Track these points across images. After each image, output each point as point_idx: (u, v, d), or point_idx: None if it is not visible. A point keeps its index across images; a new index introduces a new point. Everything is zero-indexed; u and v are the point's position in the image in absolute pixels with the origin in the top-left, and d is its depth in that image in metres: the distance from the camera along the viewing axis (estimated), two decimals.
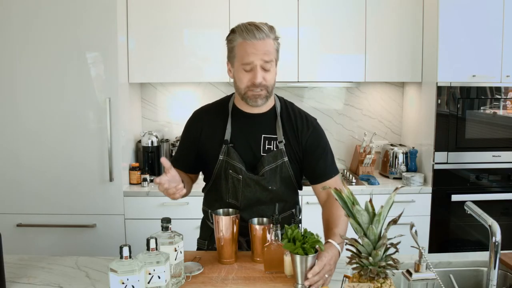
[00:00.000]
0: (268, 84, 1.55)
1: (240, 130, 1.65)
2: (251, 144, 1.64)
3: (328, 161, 1.67)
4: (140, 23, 2.94)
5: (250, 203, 1.65)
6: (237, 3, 2.95)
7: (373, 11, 2.99)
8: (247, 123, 1.65)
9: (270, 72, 1.54)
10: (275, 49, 1.55)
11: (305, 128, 1.66)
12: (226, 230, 1.55)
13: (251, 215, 1.64)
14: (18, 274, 1.51)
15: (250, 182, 1.62)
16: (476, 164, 2.90)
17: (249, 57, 1.51)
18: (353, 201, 1.21)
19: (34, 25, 2.67)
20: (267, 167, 1.61)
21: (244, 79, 1.54)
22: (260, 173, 1.62)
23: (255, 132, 1.64)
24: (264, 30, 1.52)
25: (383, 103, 3.45)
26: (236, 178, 1.63)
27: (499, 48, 2.81)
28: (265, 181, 1.62)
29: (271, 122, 1.66)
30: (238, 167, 1.61)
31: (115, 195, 2.80)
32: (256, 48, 1.50)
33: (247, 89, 1.55)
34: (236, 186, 1.64)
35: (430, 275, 1.28)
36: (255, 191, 1.64)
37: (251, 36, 1.50)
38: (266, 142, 1.64)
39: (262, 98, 1.56)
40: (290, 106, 1.71)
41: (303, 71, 3.02)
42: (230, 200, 1.67)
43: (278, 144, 1.63)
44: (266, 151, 1.63)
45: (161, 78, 3.07)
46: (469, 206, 1.46)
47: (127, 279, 1.20)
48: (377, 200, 1.24)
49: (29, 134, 2.75)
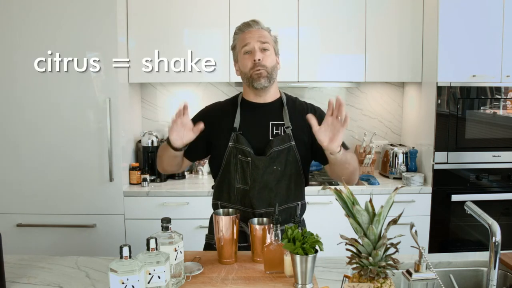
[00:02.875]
0: (267, 64, 1.69)
1: (248, 118, 1.75)
2: (260, 130, 1.73)
3: None
4: (140, 23, 2.94)
5: (259, 186, 1.70)
6: (237, 3, 2.95)
7: (373, 11, 2.99)
8: (255, 111, 1.75)
9: (267, 55, 1.69)
10: (271, 39, 1.73)
11: (311, 111, 1.71)
12: (226, 230, 1.55)
13: (259, 201, 1.70)
14: (18, 274, 1.52)
15: (258, 164, 1.69)
16: (476, 164, 2.90)
17: (247, 39, 1.70)
18: (353, 201, 1.21)
19: (34, 25, 2.67)
20: (275, 148, 1.70)
21: (247, 63, 1.70)
22: (268, 154, 1.69)
23: (263, 119, 1.74)
24: (259, 23, 1.73)
25: (383, 103, 3.45)
26: (245, 161, 1.71)
27: (499, 48, 2.81)
28: (271, 161, 1.69)
29: (278, 110, 1.76)
30: (246, 151, 1.70)
31: (115, 195, 2.80)
32: (252, 33, 1.70)
33: (251, 71, 1.69)
34: (245, 169, 1.71)
35: (430, 275, 1.28)
36: (262, 173, 1.70)
37: (247, 26, 1.72)
38: (274, 128, 1.73)
39: (264, 77, 1.68)
40: (295, 99, 1.84)
41: (303, 71, 3.02)
42: (239, 185, 1.73)
43: (286, 129, 1.72)
44: (274, 136, 1.72)
45: (161, 78, 3.06)
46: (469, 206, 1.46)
47: (127, 279, 1.20)
48: (377, 200, 1.24)
49: (29, 134, 2.75)
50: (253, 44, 1.68)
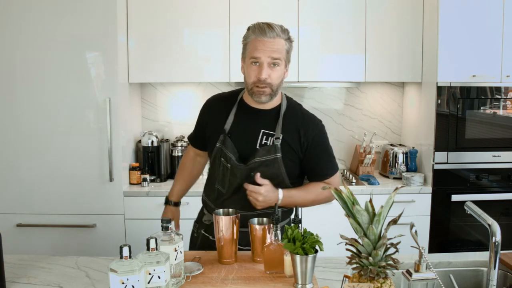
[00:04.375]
0: (272, 82, 1.61)
1: (241, 122, 1.71)
2: (249, 136, 1.69)
3: (328, 162, 1.74)
4: (140, 23, 2.94)
5: (235, 192, 1.70)
6: (237, 3, 2.95)
7: (373, 11, 2.99)
8: (249, 116, 1.71)
9: (276, 71, 1.61)
10: (285, 50, 1.61)
11: (309, 129, 1.70)
12: (226, 230, 1.55)
13: (235, 205, 1.66)
14: (18, 274, 1.52)
15: (236, 172, 1.67)
16: (476, 164, 2.90)
17: (258, 52, 1.58)
18: (353, 201, 1.21)
19: (34, 25, 2.67)
20: (257, 159, 1.65)
21: (252, 74, 1.62)
22: (248, 164, 1.66)
23: (255, 126, 1.70)
24: (275, 30, 1.58)
25: (383, 103, 3.45)
26: (225, 166, 1.69)
27: (499, 48, 2.81)
28: (250, 171, 1.66)
29: (273, 119, 1.70)
30: (228, 156, 1.67)
31: (115, 195, 2.80)
32: (265, 45, 1.57)
33: (253, 84, 1.62)
34: (224, 173, 1.71)
35: (430, 275, 1.28)
36: (240, 181, 1.67)
37: (262, 33, 1.58)
38: (264, 137, 1.68)
39: (266, 95, 1.62)
40: (297, 107, 1.77)
41: (303, 71, 3.02)
42: (218, 186, 1.74)
43: (275, 140, 1.67)
44: (262, 145, 1.68)
45: (161, 78, 3.07)
46: (469, 206, 1.46)
47: (127, 279, 1.20)
48: (377, 200, 1.24)
49: (29, 134, 2.75)
50: (263, 59, 1.58)
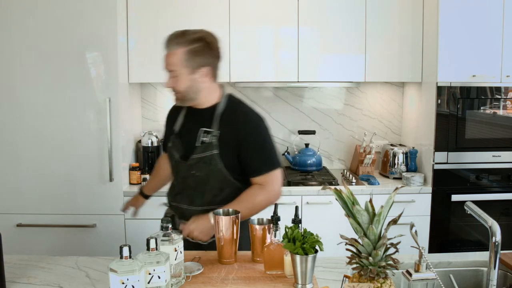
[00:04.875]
0: (178, 89, 1.76)
1: (187, 122, 1.89)
2: (192, 136, 1.82)
3: (261, 159, 1.78)
4: (140, 23, 2.94)
5: (182, 188, 1.85)
6: (237, 3, 2.95)
7: (373, 11, 2.99)
8: (192, 117, 1.87)
9: (178, 80, 1.75)
10: (182, 59, 1.72)
11: (243, 125, 1.77)
12: (226, 230, 1.55)
13: (182, 198, 1.85)
14: (18, 274, 1.52)
15: (179, 168, 1.85)
16: (476, 164, 2.90)
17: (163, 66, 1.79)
18: (353, 201, 1.21)
19: (34, 25, 2.67)
20: (195, 156, 1.78)
21: None
22: (188, 160, 1.81)
23: (196, 125, 1.82)
24: (171, 42, 1.73)
25: (383, 103, 3.45)
26: (173, 163, 1.90)
27: (499, 48, 2.81)
28: (190, 167, 1.80)
29: (210, 117, 1.80)
30: (174, 154, 1.87)
31: (115, 195, 2.80)
32: (165, 58, 1.77)
33: None
34: (173, 169, 1.92)
35: (430, 275, 1.28)
36: (183, 176, 1.84)
37: (165, 46, 1.76)
38: (202, 135, 1.79)
39: (178, 99, 1.81)
40: (236, 105, 1.84)
41: (303, 71, 3.02)
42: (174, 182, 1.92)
43: (212, 138, 1.77)
44: (200, 143, 1.79)
45: (161, 78, 3.04)
46: (469, 206, 1.46)
47: (127, 279, 1.20)
48: (377, 200, 1.24)
49: (29, 134, 2.75)
50: (166, 71, 1.78)
